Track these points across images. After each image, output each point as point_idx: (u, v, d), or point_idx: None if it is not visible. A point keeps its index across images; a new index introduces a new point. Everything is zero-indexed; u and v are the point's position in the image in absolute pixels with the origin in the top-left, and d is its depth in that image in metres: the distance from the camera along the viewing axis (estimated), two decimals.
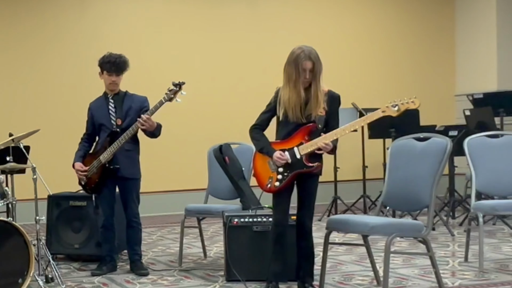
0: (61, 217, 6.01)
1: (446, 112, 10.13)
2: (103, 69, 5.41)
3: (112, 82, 5.41)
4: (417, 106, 4.32)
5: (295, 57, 4.34)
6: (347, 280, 4.94)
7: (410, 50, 10.38)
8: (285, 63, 4.40)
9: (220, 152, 5.60)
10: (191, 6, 9.45)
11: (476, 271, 5.06)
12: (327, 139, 4.32)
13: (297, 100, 4.36)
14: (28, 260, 4.58)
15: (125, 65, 5.41)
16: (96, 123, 5.48)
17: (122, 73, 5.42)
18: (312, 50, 4.36)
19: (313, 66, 4.32)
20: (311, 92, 4.37)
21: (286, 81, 4.40)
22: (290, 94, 4.37)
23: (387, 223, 4.25)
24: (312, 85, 4.36)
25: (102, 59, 5.42)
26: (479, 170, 5.29)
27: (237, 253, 4.94)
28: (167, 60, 9.19)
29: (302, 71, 4.31)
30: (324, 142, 4.30)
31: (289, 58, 4.38)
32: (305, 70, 4.32)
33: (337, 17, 10.09)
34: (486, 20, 9.91)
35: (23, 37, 8.77)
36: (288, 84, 4.38)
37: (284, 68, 4.41)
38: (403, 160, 4.39)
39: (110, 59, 5.37)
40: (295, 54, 4.35)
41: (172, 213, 8.77)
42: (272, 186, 4.45)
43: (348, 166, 9.00)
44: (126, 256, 5.74)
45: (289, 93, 4.37)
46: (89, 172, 5.41)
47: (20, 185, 5.60)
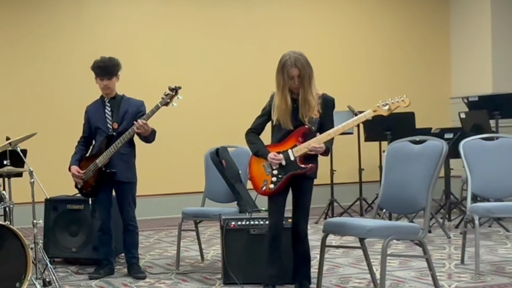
0: (59, 221, 6.02)
1: (442, 115, 10.14)
2: (95, 74, 5.41)
3: (104, 87, 5.40)
4: (407, 105, 4.35)
5: (282, 64, 4.38)
6: (344, 283, 4.95)
7: (406, 53, 10.40)
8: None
9: (217, 155, 5.61)
10: (187, 9, 9.45)
11: (472, 273, 5.08)
12: (320, 140, 4.36)
13: (285, 108, 4.40)
14: (25, 264, 4.58)
15: (114, 68, 5.38)
16: (93, 127, 5.48)
17: (114, 77, 5.39)
18: (298, 56, 4.36)
19: (300, 73, 4.35)
20: (301, 97, 4.39)
21: (276, 88, 4.45)
22: (279, 101, 4.42)
23: (383, 225, 4.26)
24: (300, 91, 4.39)
25: (93, 65, 5.41)
26: (475, 173, 5.32)
27: (234, 256, 4.95)
28: (162, 63, 9.20)
29: (289, 79, 4.35)
30: (313, 145, 4.33)
31: (278, 66, 4.42)
32: (292, 77, 4.36)
33: (333, 20, 10.10)
34: (481, 23, 9.93)
35: (19, 40, 8.76)
36: (277, 91, 4.44)
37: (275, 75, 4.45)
38: (399, 163, 4.40)
39: (99, 64, 5.36)
40: (282, 62, 4.39)
41: (169, 216, 8.77)
42: (267, 189, 4.47)
43: (345, 169, 9.01)
44: (123, 260, 5.75)
45: (279, 100, 4.43)
46: (85, 176, 5.41)
47: (17, 189, 5.61)
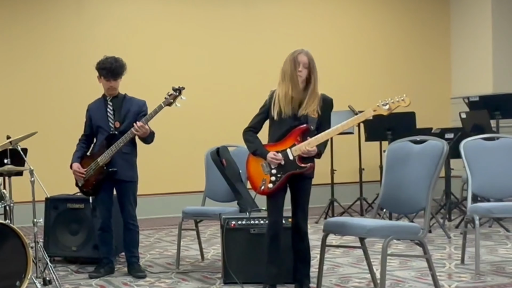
0: (59, 220, 6.02)
1: (442, 114, 10.15)
2: (100, 75, 5.42)
3: (110, 88, 5.41)
4: (407, 104, 4.34)
5: (292, 54, 4.43)
6: (344, 283, 4.95)
7: (406, 53, 10.41)
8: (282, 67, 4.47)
9: (218, 154, 5.61)
10: (187, 9, 9.46)
11: (473, 273, 5.08)
12: (318, 140, 4.37)
13: (295, 93, 4.39)
14: (25, 263, 4.58)
15: (121, 69, 5.40)
16: (94, 125, 5.48)
17: (120, 77, 5.42)
18: (307, 51, 4.45)
19: (309, 64, 4.39)
20: (308, 90, 4.40)
21: (282, 77, 4.45)
22: (286, 89, 4.41)
23: (383, 225, 4.26)
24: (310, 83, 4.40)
25: (99, 65, 5.41)
26: (475, 173, 5.32)
27: (234, 255, 4.95)
28: (162, 62, 9.20)
29: (298, 65, 4.38)
30: (308, 149, 4.34)
31: (286, 59, 4.45)
32: (300, 63, 4.38)
33: (333, 20, 10.11)
34: (482, 23, 9.94)
35: (20, 39, 8.77)
36: (283, 80, 4.43)
37: (281, 70, 4.46)
38: (400, 163, 4.40)
39: (106, 65, 5.36)
40: (292, 53, 4.44)
41: (169, 215, 8.78)
42: (266, 188, 4.46)
43: (345, 169, 9.02)
44: (123, 259, 5.75)
45: (285, 88, 4.41)
46: (86, 174, 5.42)
47: (17, 188, 5.61)
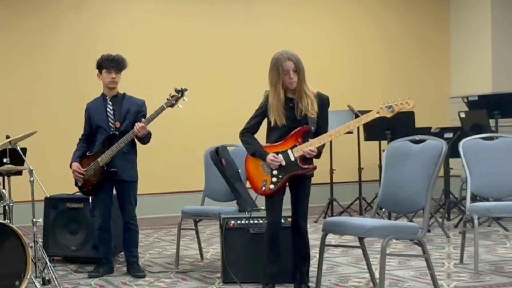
0: (58, 219, 6.02)
1: (441, 114, 10.15)
2: (102, 68, 5.39)
3: (112, 80, 5.37)
4: (411, 107, 4.34)
5: (275, 61, 4.38)
6: (343, 282, 4.95)
7: (406, 52, 10.40)
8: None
9: (217, 154, 5.61)
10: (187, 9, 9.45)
11: (472, 273, 5.08)
12: (320, 141, 4.36)
13: (278, 104, 4.38)
14: (25, 262, 4.58)
15: (124, 63, 5.40)
16: (94, 125, 5.47)
17: (121, 71, 5.41)
18: (290, 52, 4.38)
19: (295, 66, 4.34)
20: (298, 92, 4.38)
21: (270, 86, 4.43)
22: (272, 99, 4.40)
23: (383, 225, 4.27)
24: (297, 85, 4.37)
25: (101, 58, 5.41)
26: (474, 172, 5.32)
27: (233, 255, 4.95)
28: (161, 61, 9.19)
29: (283, 74, 4.34)
30: (310, 149, 4.33)
31: (270, 65, 4.41)
32: (287, 71, 4.34)
33: (333, 18, 10.10)
34: (481, 22, 9.94)
35: (19, 38, 8.76)
36: (271, 88, 4.42)
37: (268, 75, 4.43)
38: (399, 162, 4.40)
39: (109, 56, 5.38)
40: (274, 59, 4.39)
41: (168, 215, 8.78)
42: (267, 189, 4.46)
43: (344, 168, 9.01)
44: (123, 258, 5.75)
45: (272, 97, 4.41)
46: (86, 174, 5.41)
47: (17, 187, 5.60)
